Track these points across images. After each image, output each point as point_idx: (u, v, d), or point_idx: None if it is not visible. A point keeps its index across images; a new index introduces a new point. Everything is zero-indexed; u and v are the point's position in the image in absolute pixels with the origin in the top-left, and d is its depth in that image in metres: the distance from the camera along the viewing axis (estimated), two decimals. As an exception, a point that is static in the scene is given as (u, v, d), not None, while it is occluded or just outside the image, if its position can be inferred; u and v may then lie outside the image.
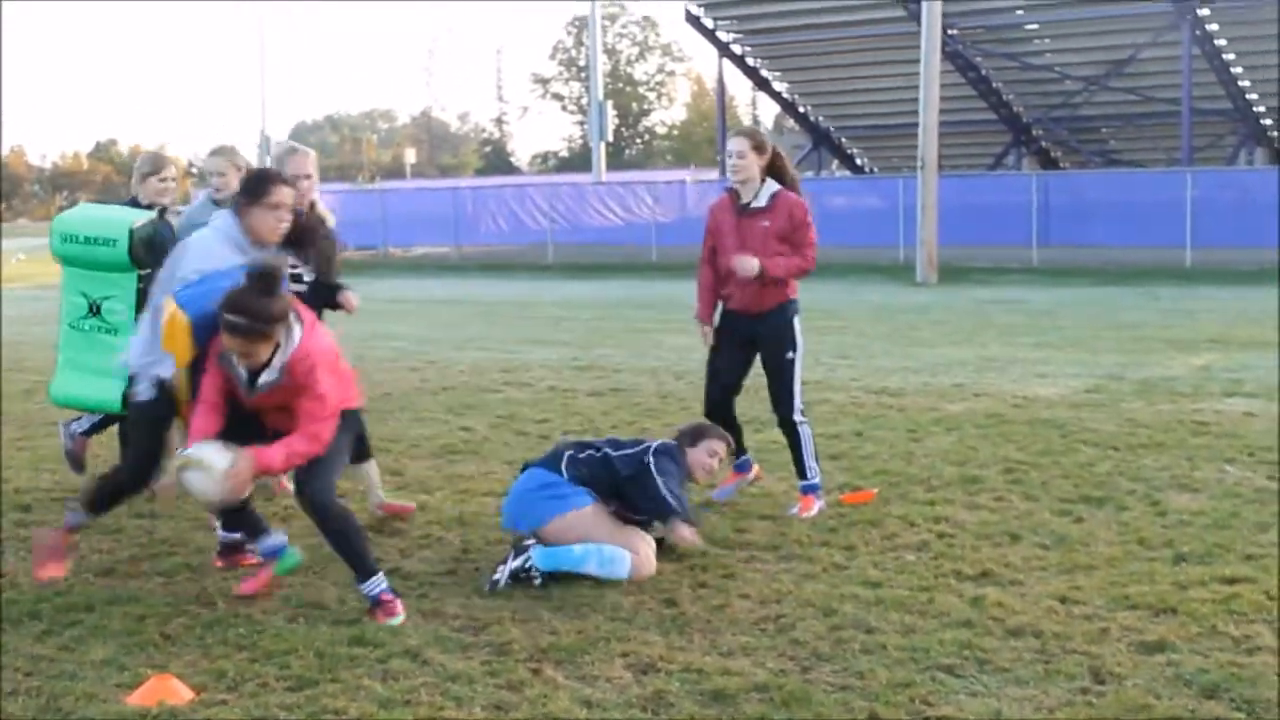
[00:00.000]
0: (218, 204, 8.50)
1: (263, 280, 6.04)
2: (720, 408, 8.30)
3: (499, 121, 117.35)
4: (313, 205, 8.42)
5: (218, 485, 5.99)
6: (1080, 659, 5.43)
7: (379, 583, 6.17)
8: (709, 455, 7.33)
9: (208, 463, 5.99)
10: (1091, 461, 9.15)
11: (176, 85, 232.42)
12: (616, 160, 71.72)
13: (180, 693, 5.17)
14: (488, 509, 8.16)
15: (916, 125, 29.99)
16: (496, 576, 6.54)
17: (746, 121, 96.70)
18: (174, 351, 6.25)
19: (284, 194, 6.55)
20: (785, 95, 46.91)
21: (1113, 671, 5.30)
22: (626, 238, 37.72)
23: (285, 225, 6.58)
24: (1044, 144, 43.99)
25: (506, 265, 36.77)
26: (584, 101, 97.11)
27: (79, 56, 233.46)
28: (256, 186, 6.55)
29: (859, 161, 48.47)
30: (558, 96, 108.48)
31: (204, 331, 6.17)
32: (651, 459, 6.90)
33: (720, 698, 5.10)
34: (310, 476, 6.21)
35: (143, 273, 7.52)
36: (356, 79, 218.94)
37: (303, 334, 6.17)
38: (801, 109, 47.12)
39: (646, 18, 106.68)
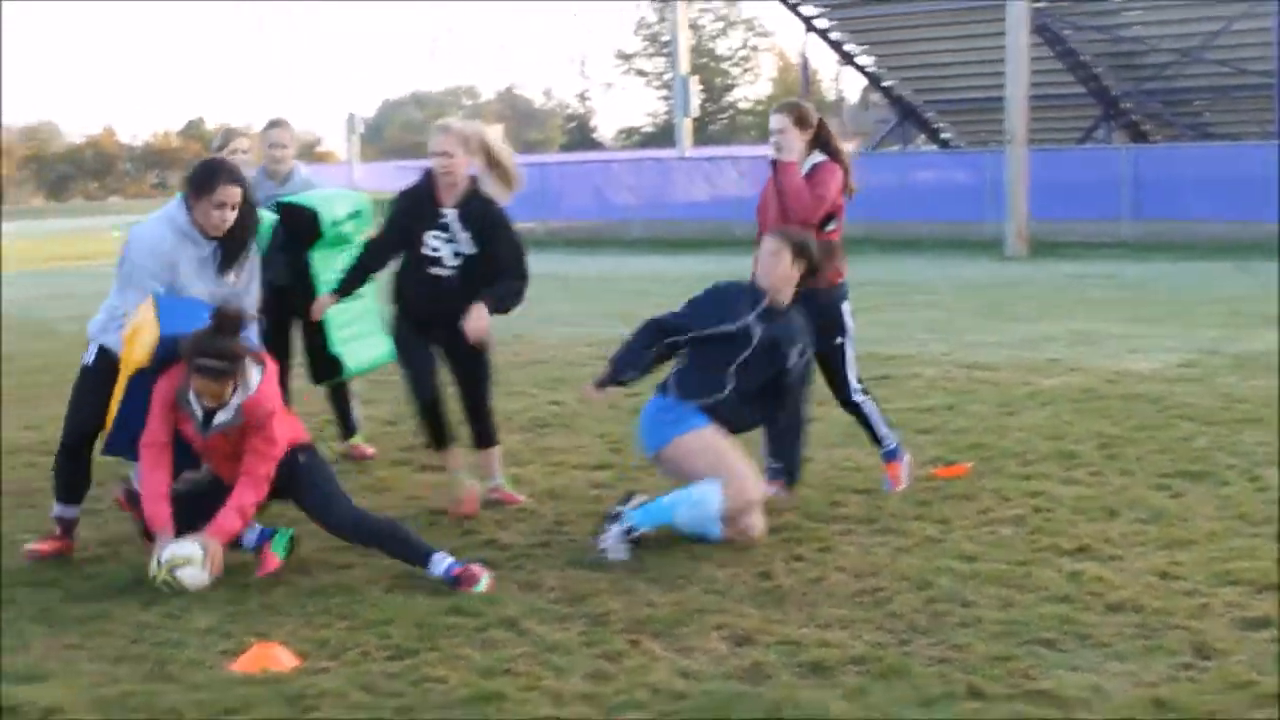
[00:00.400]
0: (269, 176, 8.83)
1: (228, 321, 6.24)
2: None
3: (582, 97, 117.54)
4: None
5: (205, 572, 6.18)
6: (1182, 634, 5.38)
7: (442, 560, 6.23)
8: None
9: (191, 558, 6.17)
10: (1188, 436, 9.04)
11: (265, 63, 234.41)
12: (701, 136, 71.42)
13: (284, 660, 5.25)
14: (579, 482, 8.21)
15: (1004, 99, 29.65)
16: (603, 547, 6.59)
17: (831, 97, 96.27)
18: (132, 352, 6.40)
19: (231, 193, 6.60)
20: (871, 69, 46.55)
21: (1215, 647, 5.24)
22: (711, 213, 37.59)
23: (229, 221, 6.63)
24: (1134, 117, 43.39)
25: (591, 241, 36.79)
26: (668, 77, 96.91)
27: (169, 36, 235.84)
28: (205, 181, 6.60)
29: (945, 136, 48.03)
30: (641, 72, 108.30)
31: (163, 351, 6.31)
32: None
33: (818, 670, 5.11)
34: (324, 514, 6.46)
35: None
36: (441, 56, 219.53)
37: (261, 377, 6.36)
38: (887, 83, 46.73)
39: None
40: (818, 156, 7.84)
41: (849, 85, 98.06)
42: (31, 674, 5.22)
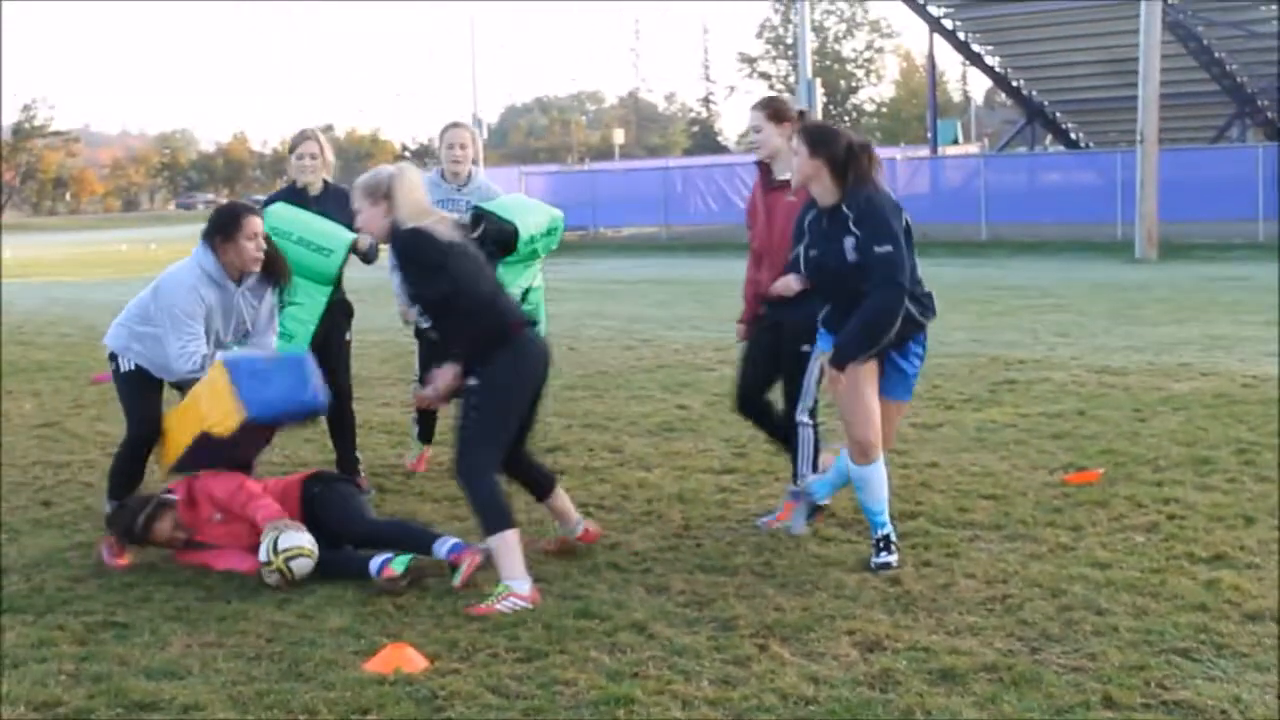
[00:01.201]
0: (446, 179, 8.64)
1: None
2: (749, 403, 7.65)
3: (706, 101, 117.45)
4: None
5: (312, 563, 6.42)
6: (1323, 645, 5.26)
7: (444, 542, 6.48)
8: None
9: (304, 548, 6.40)
10: (1328, 442, 8.84)
11: (390, 71, 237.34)
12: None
13: (415, 661, 5.30)
14: (706, 486, 8.20)
15: (1135, 98, 29.23)
16: (795, 531, 6.88)
17: (957, 99, 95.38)
18: (205, 417, 6.66)
19: (256, 224, 6.90)
20: (997, 69, 46.12)
21: (1359, 658, 5.12)
22: (836, 216, 37.40)
23: (262, 252, 6.90)
24: (1270, 115, 42.53)
25: (715, 244, 36.77)
26: (791, 80, 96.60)
27: (301, 43, 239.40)
28: (230, 223, 6.87)
29: (1074, 136, 47.42)
30: (765, 75, 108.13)
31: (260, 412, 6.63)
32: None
33: (949, 677, 5.06)
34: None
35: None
36: (564, 61, 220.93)
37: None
38: (1014, 83, 46.27)
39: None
40: None
41: (975, 86, 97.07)
42: (170, 671, 5.33)
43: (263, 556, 6.36)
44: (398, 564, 6.26)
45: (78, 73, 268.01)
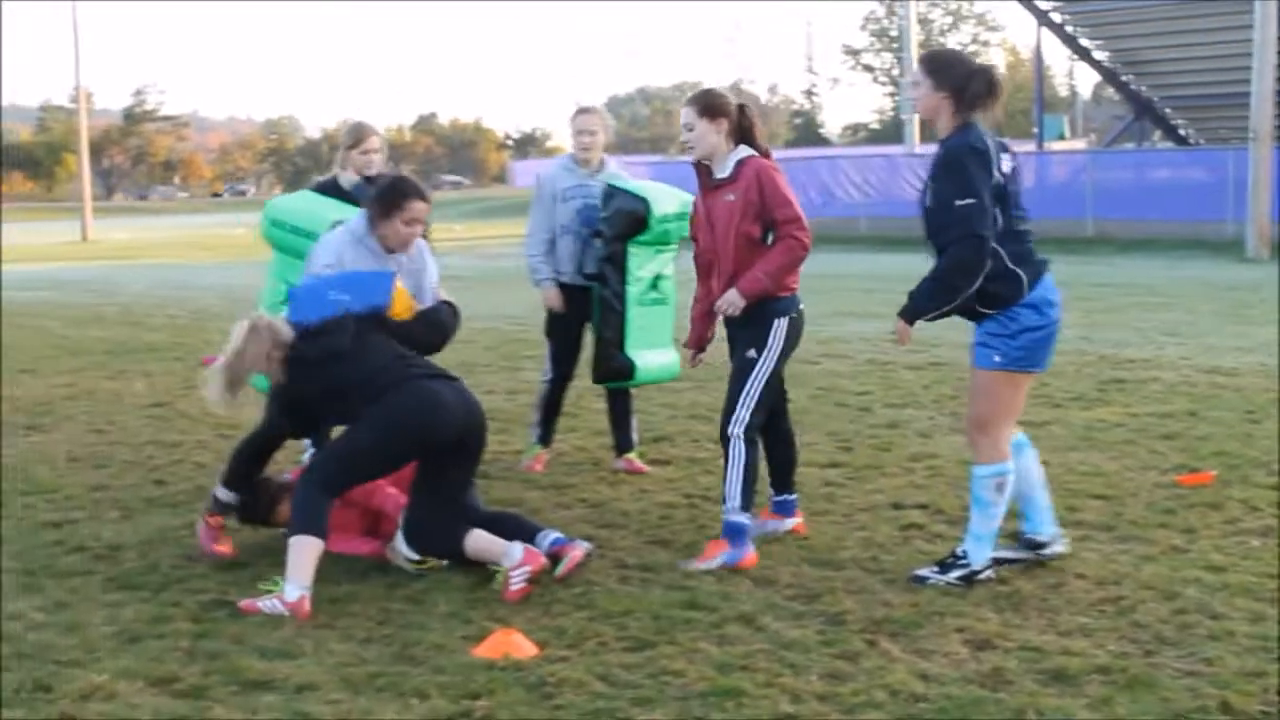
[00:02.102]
0: (579, 164, 8.46)
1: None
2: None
3: (809, 93, 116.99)
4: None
5: None
6: None
7: (547, 535, 6.45)
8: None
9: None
10: None
11: (496, 60, 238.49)
12: (928, 132, 70.65)
13: (524, 647, 5.33)
14: (811, 480, 8.17)
15: (1248, 94, 28.73)
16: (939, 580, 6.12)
17: (1063, 94, 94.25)
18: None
19: (418, 209, 6.75)
20: (1106, 64, 45.48)
21: None
22: (939, 210, 37.13)
23: (417, 235, 6.81)
24: (1388, 113, 41.65)
25: (817, 237, 36.24)
26: (895, 73, 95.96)
27: (404, 33, 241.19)
28: (391, 199, 6.72)
29: (1184, 133, 46.68)
30: (868, 68, 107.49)
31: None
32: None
33: (1061, 678, 5.01)
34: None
35: None
36: (667, 51, 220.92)
37: None
38: (1123, 78, 45.59)
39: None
40: (741, 152, 6.74)
41: (1082, 81, 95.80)
42: (283, 651, 5.40)
43: (417, 555, 6.42)
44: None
45: (187, 59, 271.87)
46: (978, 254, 5.99)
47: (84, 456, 9.25)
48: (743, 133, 6.75)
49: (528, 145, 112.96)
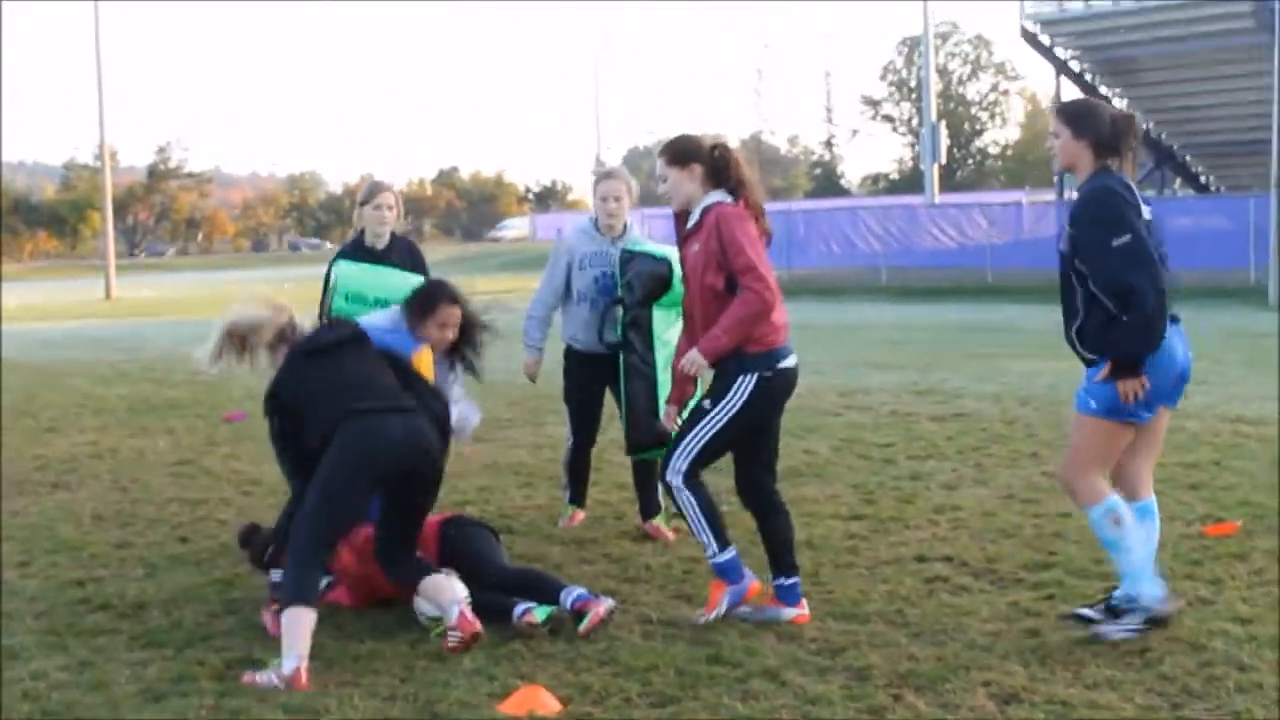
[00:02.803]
0: (600, 230, 8.27)
1: None
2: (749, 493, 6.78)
3: (828, 144, 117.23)
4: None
5: None
6: None
7: (570, 592, 6.44)
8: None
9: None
10: None
11: (516, 113, 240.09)
12: (948, 182, 70.83)
13: (549, 703, 5.32)
14: (835, 532, 8.15)
15: (1269, 141, 28.74)
16: (1111, 634, 6.01)
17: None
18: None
19: (453, 314, 6.81)
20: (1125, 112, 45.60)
21: None
22: (960, 260, 37.21)
23: (449, 340, 6.84)
24: None
25: (837, 288, 36.66)
26: (915, 123, 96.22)
27: (423, 88, 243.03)
28: (426, 304, 6.79)
29: (1204, 180, 46.73)
30: (888, 118, 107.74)
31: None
32: None
33: (1088, 732, 4.98)
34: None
35: None
36: (687, 103, 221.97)
37: None
38: (1143, 126, 45.69)
39: (979, 36, 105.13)
40: (710, 198, 6.45)
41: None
42: (307, 708, 5.39)
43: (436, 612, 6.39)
44: (540, 612, 6.29)
45: (209, 115, 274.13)
46: (1153, 283, 5.79)
47: (108, 514, 9.28)
48: (718, 174, 6.46)
49: (549, 198, 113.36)
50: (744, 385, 6.28)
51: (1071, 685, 5.45)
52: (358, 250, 8.01)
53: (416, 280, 7.44)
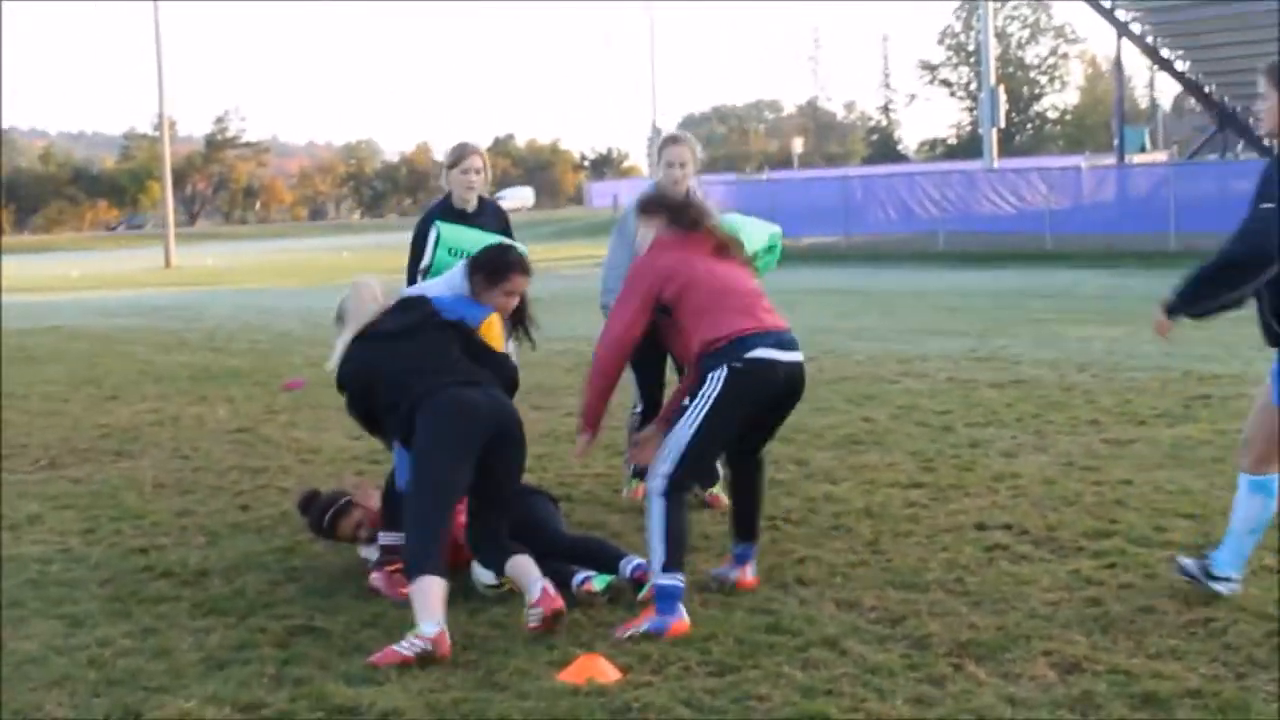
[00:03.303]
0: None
1: None
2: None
3: (885, 109, 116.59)
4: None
5: None
6: None
7: (630, 561, 6.48)
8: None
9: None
10: None
11: (572, 80, 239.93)
12: (1006, 146, 70.26)
13: (608, 672, 5.33)
14: (894, 500, 8.12)
15: (1334, 103, 28.35)
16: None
17: (1144, 105, 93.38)
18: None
19: (521, 283, 6.74)
20: (1188, 74, 45.08)
21: None
22: (1019, 225, 36.91)
23: (513, 305, 6.75)
24: None
25: (895, 254, 36.48)
26: (973, 87, 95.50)
27: (479, 55, 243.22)
28: (498, 271, 6.68)
29: (1268, 143, 46.11)
30: (946, 83, 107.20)
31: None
32: None
33: (1151, 701, 4.94)
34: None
35: None
36: (743, 70, 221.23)
37: None
38: (1206, 88, 45.18)
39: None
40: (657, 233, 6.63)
41: (1163, 92, 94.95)
42: (368, 677, 5.42)
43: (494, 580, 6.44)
44: (599, 581, 6.31)
45: (266, 84, 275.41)
46: (1252, 254, 5.73)
47: (170, 482, 9.36)
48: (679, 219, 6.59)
49: (604, 166, 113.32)
50: (715, 379, 6.12)
51: (1134, 655, 5.41)
52: (447, 214, 7.91)
53: (504, 242, 7.43)
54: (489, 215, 8.06)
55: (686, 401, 6.21)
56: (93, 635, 6.03)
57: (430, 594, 5.74)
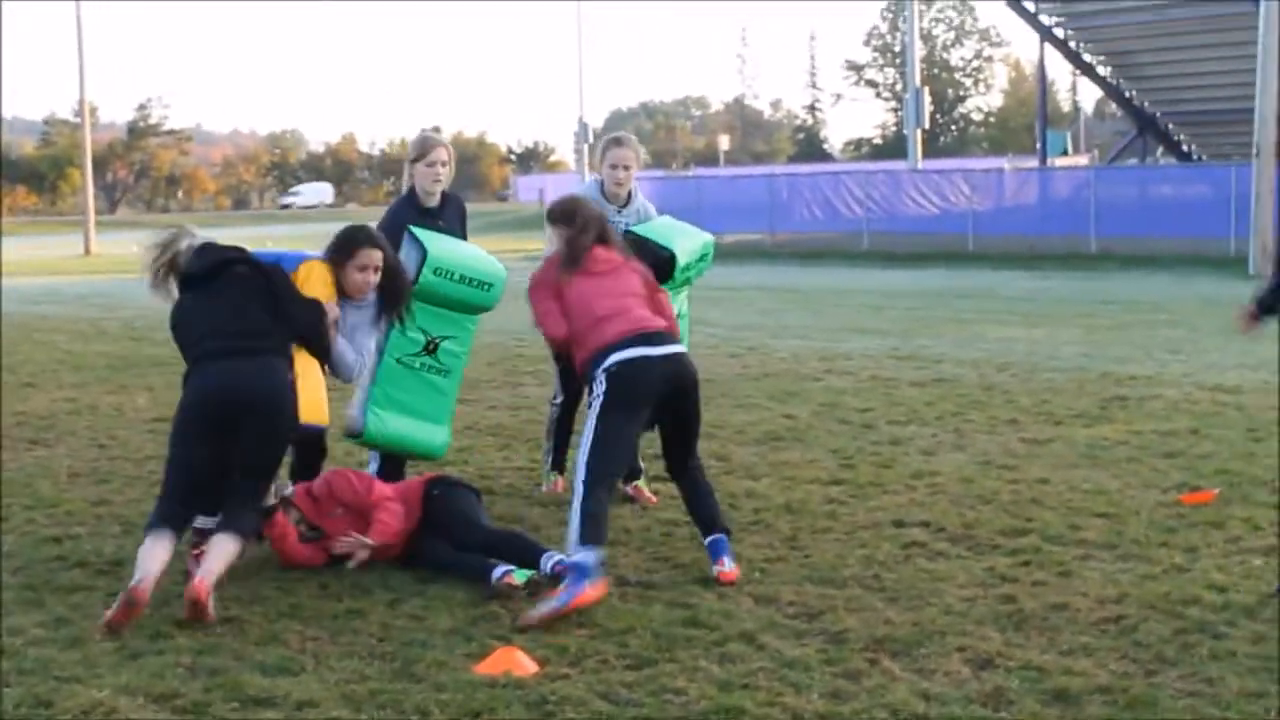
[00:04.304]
0: (607, 197, 8.13)
1: None
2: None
3: (812, 108, 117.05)
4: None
5: None
6: None
7: (550, 558, 6.49)
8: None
9: None
10: None
11: (498, 73, 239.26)
12: (931, 147, 70.70)
13: (525, 665, 5.33)
14: (814, 497, 8.17)
15: (1251, 110, 28.76)
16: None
17: (1066, 109, 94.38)
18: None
19: (372, 256, 6.84)
20: (1109, 80, 45.57)
21: None
22: (942, 226, 37.19)
23: (373, 284, 6.87)
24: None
25: (820, 253, 36.65)
26: (898, 88, 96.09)
27: (406, 47, 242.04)
28: (344, 248, 6.87)
29: (1186, 149, 46.74)
30: (871, 83, 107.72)
31: None
32: None
33: (1062, 698, 5.00)
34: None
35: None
36: (670, 66, 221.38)
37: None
38: (1126, 94, 45.66)
39: (964, 1, 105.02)
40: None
41: (1086, 96, 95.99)
42: (284, 667, 5.39)
43: None
44: (520, 575, 6.31)
45: (190, 72, 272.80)
46: None
47: (86, 471, 9.26)
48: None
49: (531, 160, 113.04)
50: (597, 387, 6.62)
51: (1046, 651, 5.48)
52: (410, 208, 7.86)
53: (493, 260, 7.68)
54: (451, 210, 8.03)
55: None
56: (4, 625, 5.96)
57: (217, 556, 6.08)
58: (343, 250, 6.85)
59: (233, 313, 6.37)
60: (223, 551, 6.12)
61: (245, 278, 6.49)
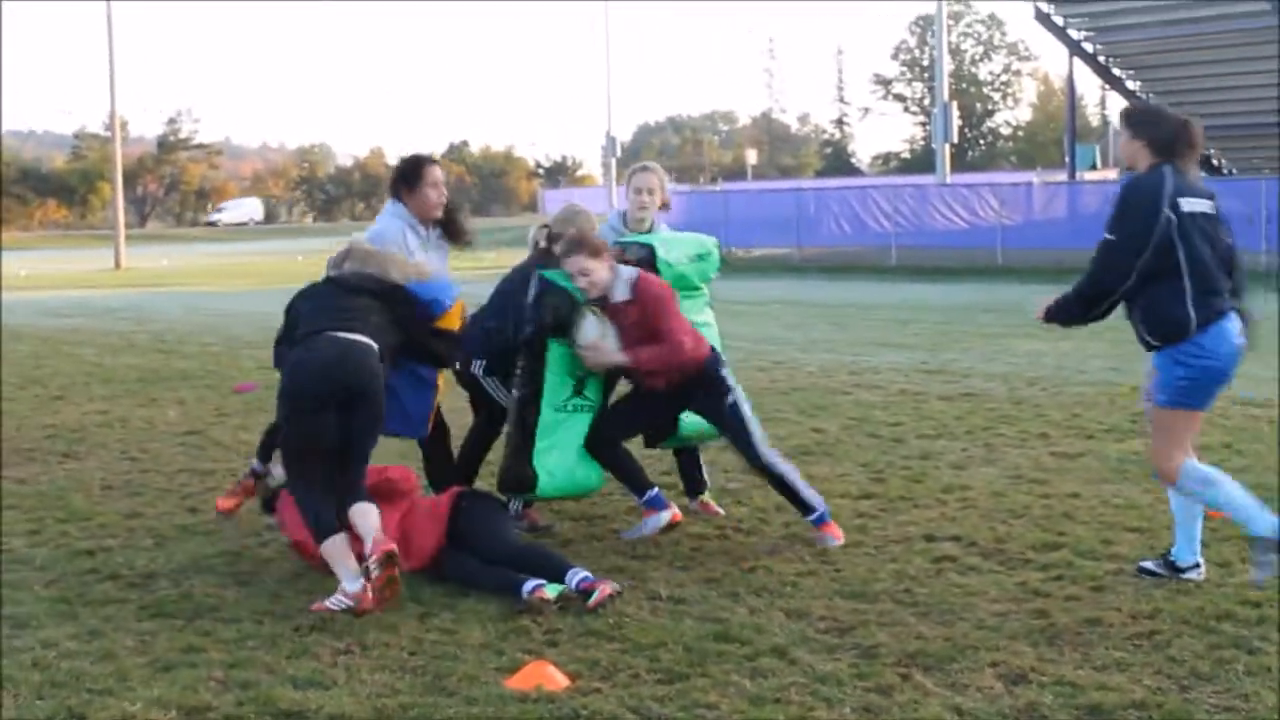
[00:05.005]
0: (629, 225, 8.15)
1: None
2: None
3: (839, 122, 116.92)
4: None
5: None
6: None
7: (576, 573, 6.45)
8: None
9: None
10: None
11: (526, 88, 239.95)
12: (959, 162, 70.58)
13: (557, 679, 5.33)
14: (844, 511, 8.14)
15: (1281, 125, 28.69)
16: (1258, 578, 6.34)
17: (1095, 123, 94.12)
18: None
19: (435, 171, 7.64)
20: (1138, 94, 45.39)
21: None
22: (971, 240, 37.07)
23: (444, 197, 7.64)
24: None
25: (848, 267, 36.58)
26: (926, 102, 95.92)
27: (434, 62, 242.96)
28: (411, 172, 7.61)
29: (1216, 162, 46.53)
30: (899, 97, 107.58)
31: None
32: None
33: (1096, 713, 4.98)
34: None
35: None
36: (698, 81, 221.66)
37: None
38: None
39: (992, 16, 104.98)
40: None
41: (1114, 110, 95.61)
42: (316, 681, 5.40)
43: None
44: (551, 589, 6.30)
45: (220, 86, 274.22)
46: (1092, 287, 6.48)
47: (118, 484, 9.30)
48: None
49: (558, 174, 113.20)
50: (726, 372, 7.78)
51: (1080, 666, 5.45)
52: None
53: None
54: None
55: (730, 398, 7.58)
56: (37, 637, 5.99)
57: (332, 554, 6.43)
58: (414, 175, 7.55)
59: (338, 304, 7.05)
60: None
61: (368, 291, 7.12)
